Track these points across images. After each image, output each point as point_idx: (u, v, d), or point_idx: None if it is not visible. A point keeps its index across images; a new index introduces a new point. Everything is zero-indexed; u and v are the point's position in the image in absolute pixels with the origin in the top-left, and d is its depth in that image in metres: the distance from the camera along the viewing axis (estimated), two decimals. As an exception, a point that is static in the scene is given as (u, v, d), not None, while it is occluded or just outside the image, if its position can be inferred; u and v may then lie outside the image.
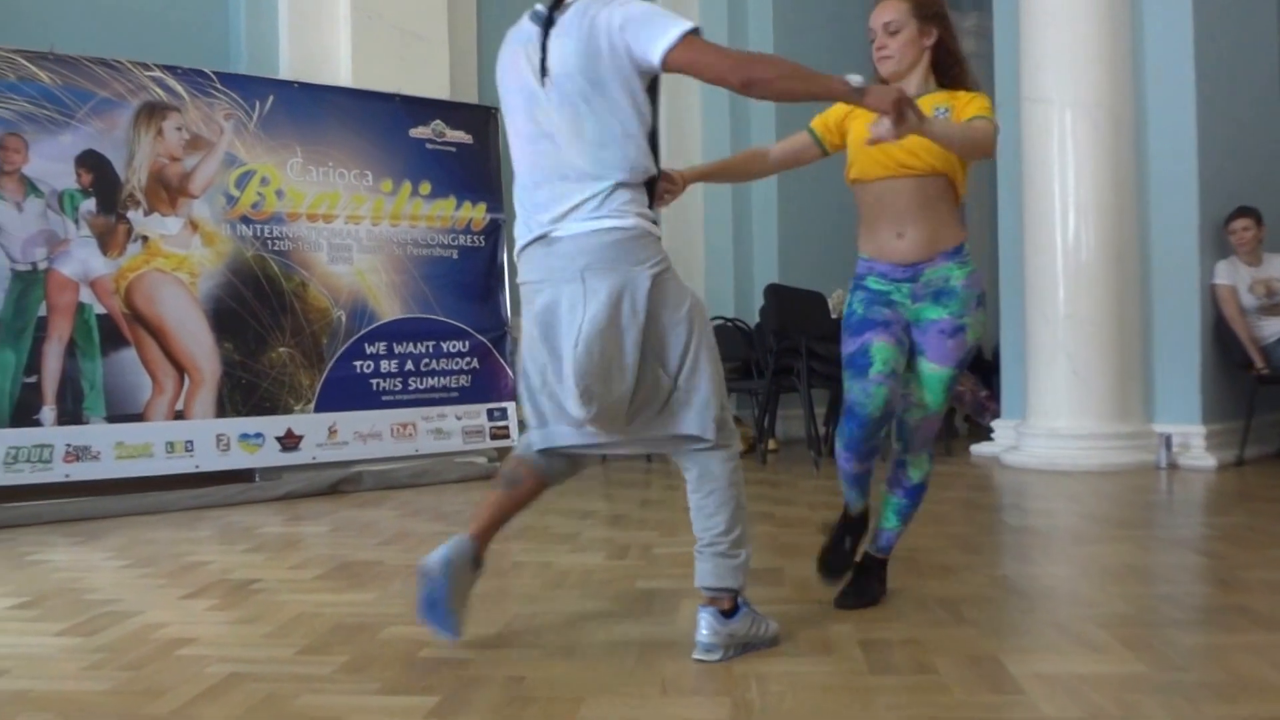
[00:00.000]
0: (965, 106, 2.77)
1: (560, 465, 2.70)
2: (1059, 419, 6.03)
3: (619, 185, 2.43)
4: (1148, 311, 6.18)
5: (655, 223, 2.52)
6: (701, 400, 2.50)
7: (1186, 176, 6.06)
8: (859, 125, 2.85)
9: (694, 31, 2.35)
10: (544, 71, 2.45)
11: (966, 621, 2.83)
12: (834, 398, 7.07)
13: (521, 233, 2.56)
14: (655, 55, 2.35)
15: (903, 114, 2.40)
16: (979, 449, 6.79)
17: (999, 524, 4.63)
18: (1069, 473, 5.79)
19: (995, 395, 7.17)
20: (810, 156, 3.03)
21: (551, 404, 2.57)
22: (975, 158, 2.76)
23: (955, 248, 2.83)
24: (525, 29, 2.53)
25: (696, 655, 2.52)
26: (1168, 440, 5.91)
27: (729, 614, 2.54)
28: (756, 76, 2.35)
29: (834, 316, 6.94)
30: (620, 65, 2.38)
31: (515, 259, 2.62)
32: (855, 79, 2.40)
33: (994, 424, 6.89)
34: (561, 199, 2.45)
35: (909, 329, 2.87)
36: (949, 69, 2.86)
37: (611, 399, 2.47)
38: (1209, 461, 5.89)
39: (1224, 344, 6.19)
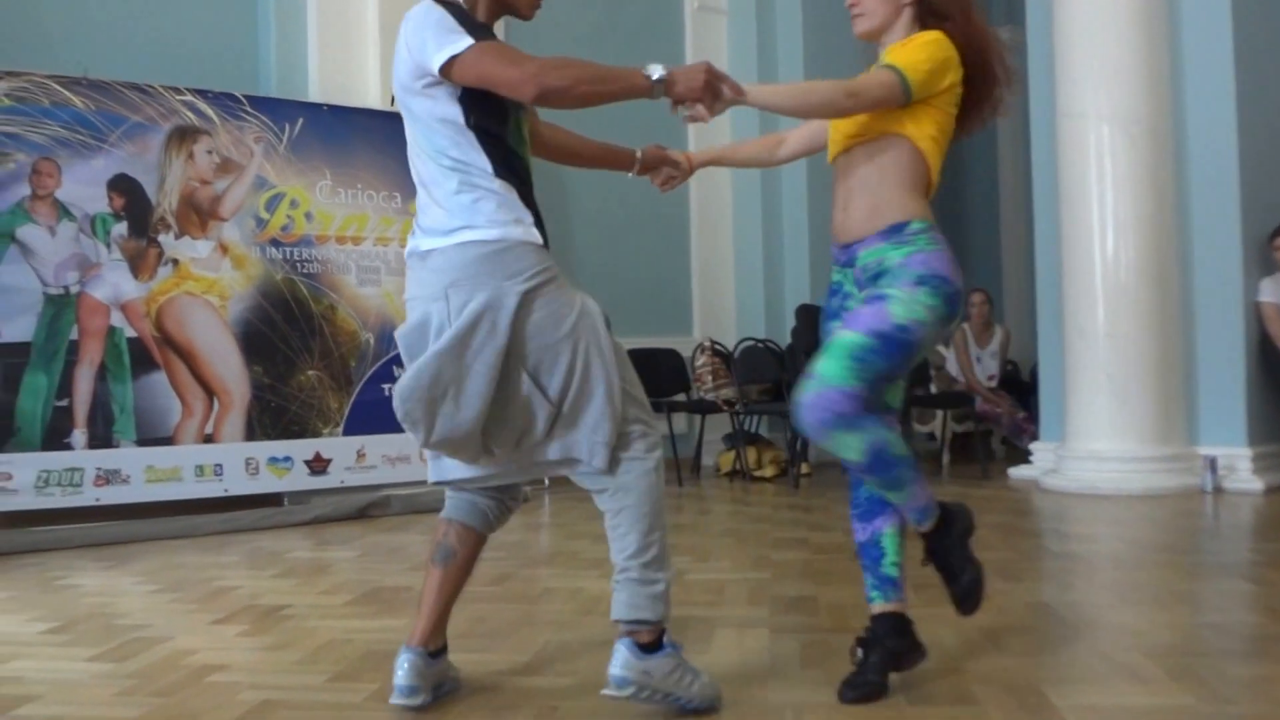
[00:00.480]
0: (890, 53, 2.42)
1: (489, 507, 2.51)
2: (1100, 441, 5.91)
3: (477, 191, 2.31)
4: (1190, 330, 6.06)
5: (538, 227, 2.36)
6: (590, 423, 2.32)
7: (1228, 191, 5.95)
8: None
9: (480, 45, 2.25)
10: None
11: (1007, 650, 2.77)
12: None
13: (409, 243, 2.45)
14: (434, 65, 2.25)
15: (716, 94, 2.30)
16: (1017, 472, 6.68)
17: (1039, 549, 4.55)
18: (1110, 496, 5.67)
19: (1033, 417, 7.08)
20: (824, 141, 2.71)
21: None
22: (829, 115, 2.44)
23: (893, 225, 2.40)
24: None
25: (604, 691, 2.28)
26: (1213, 463, 5.78)
27: (648, 649, 2.28)
28: (550, 86, 2.22)
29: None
30: (416, 78, 2.31)
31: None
32: (656, 70, 2.27)
33: (1032, 446, 6.79)
34: (425, 205, 2.38)
35: None
36: (937, 26, 2.48)
37: (449, 427, 2.30)
38: (1256, 485, 5.75)
39: (1269, 363, 6.06)
